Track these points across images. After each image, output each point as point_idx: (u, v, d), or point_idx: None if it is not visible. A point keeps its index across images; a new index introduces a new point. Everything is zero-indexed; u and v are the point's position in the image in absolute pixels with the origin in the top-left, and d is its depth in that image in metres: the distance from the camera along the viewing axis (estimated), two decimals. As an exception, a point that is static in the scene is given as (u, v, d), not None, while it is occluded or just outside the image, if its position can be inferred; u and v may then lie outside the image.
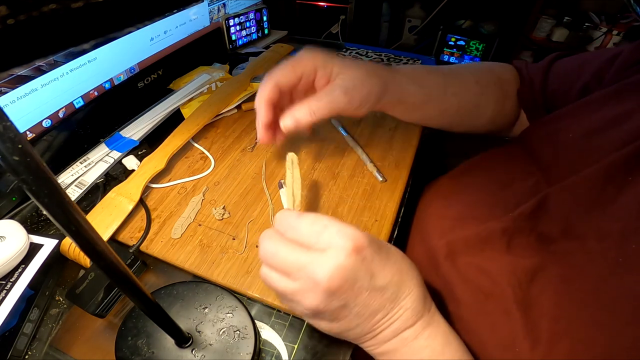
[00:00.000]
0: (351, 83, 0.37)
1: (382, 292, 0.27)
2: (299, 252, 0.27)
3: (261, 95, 0.38)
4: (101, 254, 0.18)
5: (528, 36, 1.70)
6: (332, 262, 0.25)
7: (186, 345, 0.29)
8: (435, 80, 0.44)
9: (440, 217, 0.40)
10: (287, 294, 0.27)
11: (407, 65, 0.45)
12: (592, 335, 0.25)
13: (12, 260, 0.32)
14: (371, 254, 0.27)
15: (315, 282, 0.25)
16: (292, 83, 0.38)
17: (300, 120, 0.36)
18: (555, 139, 0.38)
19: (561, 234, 0.31)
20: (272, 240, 0.28)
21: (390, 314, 0.28)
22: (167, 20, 0.59)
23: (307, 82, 0.38)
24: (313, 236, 0.27)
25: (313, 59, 0.37)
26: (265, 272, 0.28)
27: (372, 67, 0.39)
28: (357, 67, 0.38)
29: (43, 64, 0.42)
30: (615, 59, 0.40)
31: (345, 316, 0.27)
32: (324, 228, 0.27)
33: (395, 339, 0.28)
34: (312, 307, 0.26)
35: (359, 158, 0.49)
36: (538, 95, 0.46)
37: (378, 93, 0.38)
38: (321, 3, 1.40)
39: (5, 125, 0.12)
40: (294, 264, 0.26)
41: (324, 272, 0.25)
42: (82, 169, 0.46)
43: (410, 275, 0.29)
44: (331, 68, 0.38)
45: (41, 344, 0.32)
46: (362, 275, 0.26)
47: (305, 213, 0.29)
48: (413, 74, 0.43)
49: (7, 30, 0.10)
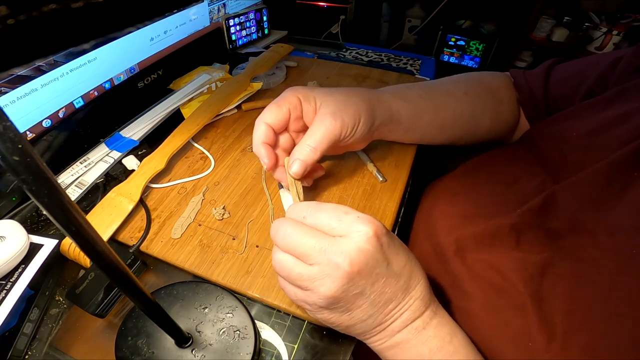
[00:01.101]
0: (336, 107, 0.37)
1: (396, 280, 0.28)
2: (320, 236, 0.27)
3: (256, 139, 0.38)
4: (101, 254, 0.18)
5: (528, 36, 1.70)
6: (354, 245, 0.26)
7: (186, 345, 0.29)
8: (417, 93, 0.45)
9: (447, 215, 0.40)
10: (302, 279, 0.27)
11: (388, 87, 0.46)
12: (612, 327, 0.26)
13: (12, 260, 0.32)
14: (387, 241, 0.28)
15: (336, 266, 0.26)
16: (282, 120, 0.38)
17: (306, 161, 0.36)
18: (560, 138, 0.38)
19: (569, 230, 0.32)
20: (289, 225, 0.28)
21: (402, 303, 0.28)
22: (167, 20, 0.59)
23: (297, 115, 0.39)
24: (334, 221, 0.27)
25: (295, 93, 0.38)
26: (280, 257, 0.28)
27: (352, 89, 0.40)
28: (338, 92, 0.39)
29: (43, 64, 0.42)
30: (617, 63, 0.41)
31: (359, 305, 0.27)
32: (345, 214, 0.27)
33: (405, 329, 0.29)
34: (330, 294, 0.26)
35: (359, 158, 0.49)
36: (541, 104, 0.47)
37: (366, 110, 0.39)
38: (321, 3, 1.40)
39: (5, 125, 0.12)
40: (314, 248, 0.26)
41: (346, 255, 0.26)
42: (82, 169, 0.46)
43: (418, 266, 0.30)
44: (314, 99, 0.39)
45: (41, 344, 0.32)
46: (381, 261, 0.27)
47: (323, 202, 0.29)
48: (394, 91, 0.44)
49: (7, 30, 0.10)
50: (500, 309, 0.31)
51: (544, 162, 0.39)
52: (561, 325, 0.28)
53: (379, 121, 0.41)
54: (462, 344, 0.29)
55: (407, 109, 0.43)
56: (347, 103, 0.38)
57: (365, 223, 0.27)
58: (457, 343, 0.29)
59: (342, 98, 0.38)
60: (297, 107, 0.38)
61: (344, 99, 0.38)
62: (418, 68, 0.80)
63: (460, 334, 0.30)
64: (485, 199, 0.39)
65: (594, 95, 0.41)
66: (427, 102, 0.44)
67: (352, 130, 0.38)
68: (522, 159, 0.42)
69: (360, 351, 0.33)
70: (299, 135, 0.42)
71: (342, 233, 0.27)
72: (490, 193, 0.40)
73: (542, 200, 0.34)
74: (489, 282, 0.33)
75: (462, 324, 0.32)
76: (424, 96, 0.45)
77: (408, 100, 0.43)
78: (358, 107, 0.38)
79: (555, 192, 0.34)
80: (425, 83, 0.48)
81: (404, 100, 0.43)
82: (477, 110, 0.47)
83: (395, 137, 0.47)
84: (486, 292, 0.33)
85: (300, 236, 0.27)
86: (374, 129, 0.41)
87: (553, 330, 0.28)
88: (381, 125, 0.42)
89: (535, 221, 0.34)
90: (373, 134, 0.43)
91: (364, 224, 0.27)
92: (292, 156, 0.37)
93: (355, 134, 0.39)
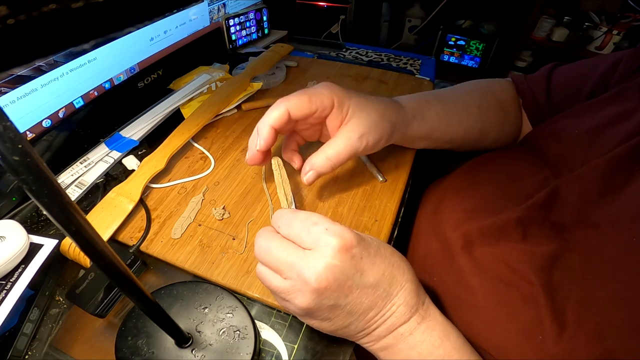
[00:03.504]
0: (366, 128, 0.37)
1: (373, 290, 0.27)
2: (290, 250, 0.27)
3: (268, 118, 0.36)
4: (101, 254, 0.18)
5: (528, 36, 1.70)
6: (321, 261, 0.26)
7: (186, 345, 0.29)
8: (435, 110, 0.44)
9: (453, 210, 0.40)
10: (279, 292, 0.28)
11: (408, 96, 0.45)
12: (614, 313, 0.26)
13: (12, 261, 0.32)
14: (360, 252, 0.27)
15: (304, 282, 0.26)
16: (304, 114, 0.36)
17: (321, 171, 0.37)
18: (561, 136, 0.39)
19: (574, 222, 0.32)
20: (266, 238, 0.28)
21: (383, 310, 0.28)
22: (167, 20, 0.59)
23: (320, 117, 0.37)
24: (304, 233, 0.27)
25: (332, 96, 0.36)
26: (260, 270, 0.29)
27: (383, 109, 0.39)
28: (372, 110, 0.38)
29: (43, 64, 0.42)
30: (617, 64, 0.41)
31: (336, 315, 0.27)
32: (314, 225, 0.27)
33: (390, 335, 0.29)
34: (303, 306, 0.26)
35: (359, 158, 0.49)
36: (544, 107, 0.47)
37: (388, 135, 0.39)
38: (321, 3, 1.40)
39: (5, 125, 0.12)
40: (284, 262, 0.27)
41: (312, 271, 0.25)
42: (82, 169, 0.46)
43: (402, 270, 0.29)
44: (347, 108, 0.37)
45: (41, 344, 0.32)
46: (351, 274, 0.26)
47: (299, 210, 0.29)
48: (417, 107, 0.43)
49: (7, 30, 0.10)
50: (509, 302, 0.31)
51: (547, 158, 0.39)
52: (572, 315, 0.28)
53: (393, 140, 0.41)
54: (454, 346, 0.29)
55: (422, 128, 0.43)
56: (377, 125, 0.37)
57: (333, 236, 0.26)
58: (448, 346, 0.28)
59: (373, 119, 0.37)
60: (327, 110, 0.37)
61: (376, 120, 0.37)
62: (418, 68, 0.80)
63: (454, 336, 0.29)
64: (491, 195, 0.40)
65: (597, 96, 0.41)
66: (442, 121, 0.44)
67: (370, 149, 0.39)
68: (525, 156, 0.43)
69: (361, 351, 0.33)
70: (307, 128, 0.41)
71: (310, 246, 0.27)
72: (495, 189, 0.40)
73: (547, 194, 0.34)
74: (497, 276, 0.33)
75: (470, 318, 0.32)
76: (440, 114, 0.44)
77: (425, 120, 0.43)
78: (385, 131, 0.38)
79: (559, 186, 0.34)
80: (444, 95, 0.47)
81: (422, 120, 0.43)
82: (486, 124, 0.47)
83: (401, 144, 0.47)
84: (494, 285, 0.33)
85: (272, 250, 0.27)
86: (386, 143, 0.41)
87: (564, 320, 0.28)
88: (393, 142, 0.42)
89: (541, 215, 0.34)
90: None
91: (331, 236, 0.26)
92: (309, 163, 0.37)
93: (369, 151, 0.39)
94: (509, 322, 0.31)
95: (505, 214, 0.35)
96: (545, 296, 0.29)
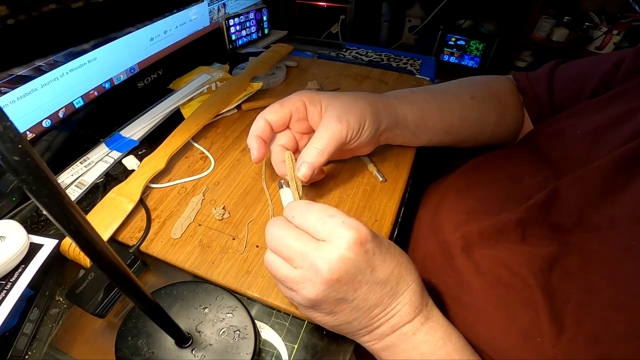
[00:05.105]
0: (342, 110, 0.38)
1: (382, 287, 0.27)
2: (303, 240, 0.27)
3: (252, 131, 0.39)
4: (101, 254, 0.18)
5: (528, 36, 1.70)
6: (335, 253, 0.26)
7: (186, 345, 0.29)
8: (422, 97, 0.45)
9: (453, 212, 0.40)
10: (287, 281, 0.27)
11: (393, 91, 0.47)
12: (612, 316, 0.26)
13: (12, 260, 0.32)
14: (373, 248, 0.27)
15: (317, 272, 0.26)
16: (281, 119, 0.39)
17: (314, 163, 0.37)
18: (563, 136, 0.39)
19: (574, 224, 0.32)
20: (279, 226, 0.28)
21: (388, 308, 0.28)
22: (167, 20, 0.59)
23: (300, 118, 0.40)
24: (319, 224, 0.27)
25: (300, 97, 0.39)
26: (269, 258, 0.29)
27: (357, 93, 0.41)
28: (344, 96, 0.40)
29: (43, 64, 0.42)
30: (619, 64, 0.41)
31: (342, 309, 0.27)
32: (330, 217, 0.27)
33: (394, 334, 0.29)
34: (311, 297, 0.26)
35: (359, 158, 0.49)
36: (545, 106, 0.47)
37: (371, 113, 0.39)
38: (321, 3, 1.40)
39: (5, 125, 0.12)
40: (297, 251, 0.26)
41: (325, 262, 0.25)
42: (82, 169, 0.46)
43: (409, 270, 0.29)
44: (319, 102, 0.39)
45: (41, 344, 0.32)
46: (363, 268, 0.26)
47: (314, 202, 0.29)
48: (399, 95, 0.45)
49: (7, 30, 0.10)
50: (508, 304, 0.31)
51: (548, 158, 0.39)
52: (571, 317, 0.28)
53: (384, 125, 0.41)
54: (455, 348, 0.29)
55: (413, 112, 0.43)
56: (352, 106, 0.38)
57: (349, 229, 0.26)
58: (450, 348, 0.28)
59: (347, 101, 0.39)
60: (300, 110, 0.39)
61: (350, 102, 0.39)
62: (418, 68, 0.80)
63: (455, 337, 0.29)
64: (491, 196, 0.40)
65: (599, 95, 0.41)
66: (433, 106, 0.45)
67: (357, 133, 0.39)
68: (525, 156, 0.42)
69: (361, 351, 0.33)
70: (302, 137, 0.42)
71: (325, 237, 0.27)
72: (495, 190, 0.40)
73: (546, 195, 0.34)
74: (497, 278, 0.33)
75: (469, 320, 0.32)
76: (429, 100, 0.45)
77: (414, 103, 0.44)
78: (363, 111, 0.39)
79: (559, 187, 0.34)
80: (430, 87, 0.48)
81: (410, 103, 0.43)
82: (482, 114, 0.47)
83: (403, 142, 0.47)
84: (494, 287, 0.33)
85: (285, 239, 0.27)
86: (380, 132, 0.41)
87: (563, 322, 0.28)
88: (387, 129, 0.42)
89: (540, 216, 0.34)
90: (379, 139, 0.43)
91: (347, 229, 0.26)
92: (300, 159, 0.37)
93: (361, 137, 0.39)
94: (508, 324, 0.31)
95: (505, 215, 0.35)
96: (543, 298, 0.29)
